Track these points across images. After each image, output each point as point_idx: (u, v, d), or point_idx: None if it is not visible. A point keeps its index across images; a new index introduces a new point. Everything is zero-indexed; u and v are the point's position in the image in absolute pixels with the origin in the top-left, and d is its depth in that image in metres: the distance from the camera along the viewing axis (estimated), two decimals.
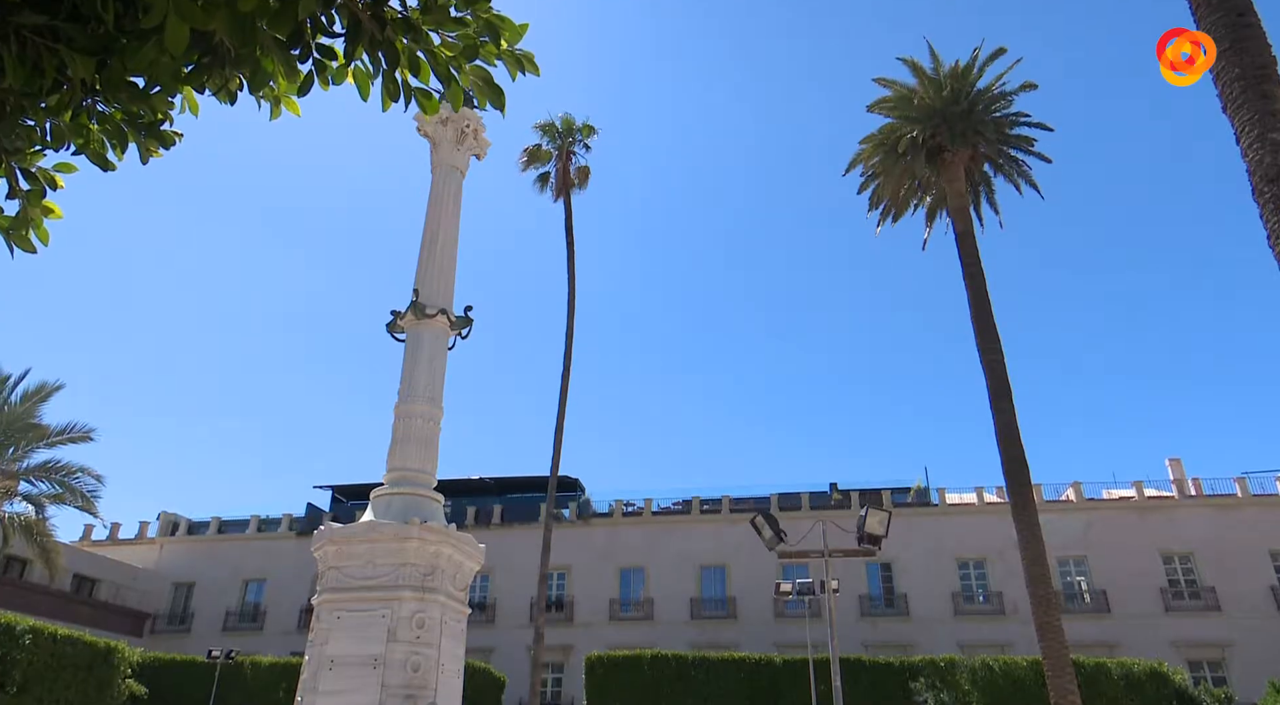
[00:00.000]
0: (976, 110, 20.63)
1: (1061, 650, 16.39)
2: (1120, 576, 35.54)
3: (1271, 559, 35.03)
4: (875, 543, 14.23)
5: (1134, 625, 34.10)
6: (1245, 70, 8.39)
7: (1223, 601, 34.44)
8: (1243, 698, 29.24)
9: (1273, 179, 8.94)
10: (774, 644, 33.64)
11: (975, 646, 31.87)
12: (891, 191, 22.49)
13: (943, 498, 40.10)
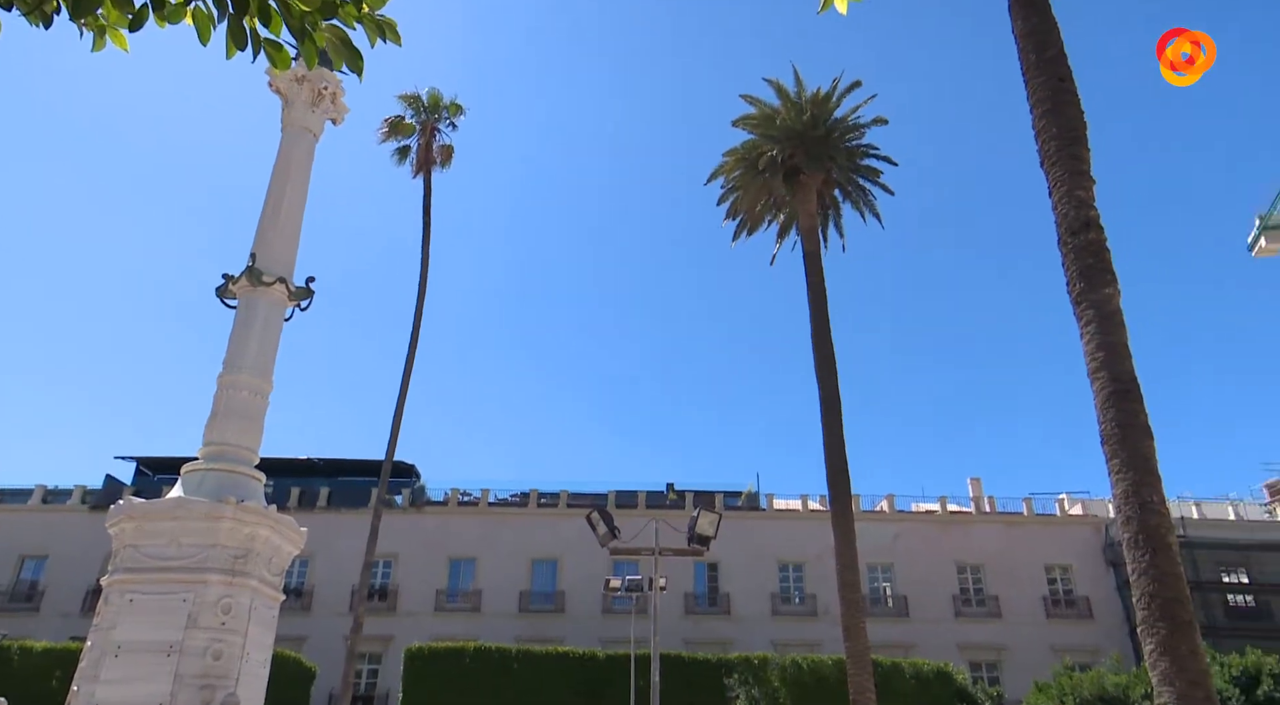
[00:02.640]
0: (833, 137, 21.80)
1: (863, 650, 17.57)
2: (920, 583, 38.52)
3: (1045, 572, 39.07)
4: (704, 543, 14.73)
5: (928, 629, 37.06)
6: (1061, 131, 9.35)
7: (1004, 609, 38.05)
8: (1011, 695, 32.48)
9: (1075, 231, 9.99)
10: (600, 639, 34.04)
11: (788, 645, 33.56)
12: (749, 205, 23.34)
13: (771, 503, 42.00)
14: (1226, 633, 34.26)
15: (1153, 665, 8.92)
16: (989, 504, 41.48)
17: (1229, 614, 37.58)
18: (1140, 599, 9.13)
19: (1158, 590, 8.95)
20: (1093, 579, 38.39)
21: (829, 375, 20.30)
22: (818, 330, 20.69)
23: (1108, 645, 34.01)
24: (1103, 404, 9.87)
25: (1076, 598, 38.36)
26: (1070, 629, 37.38)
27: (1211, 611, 36.32)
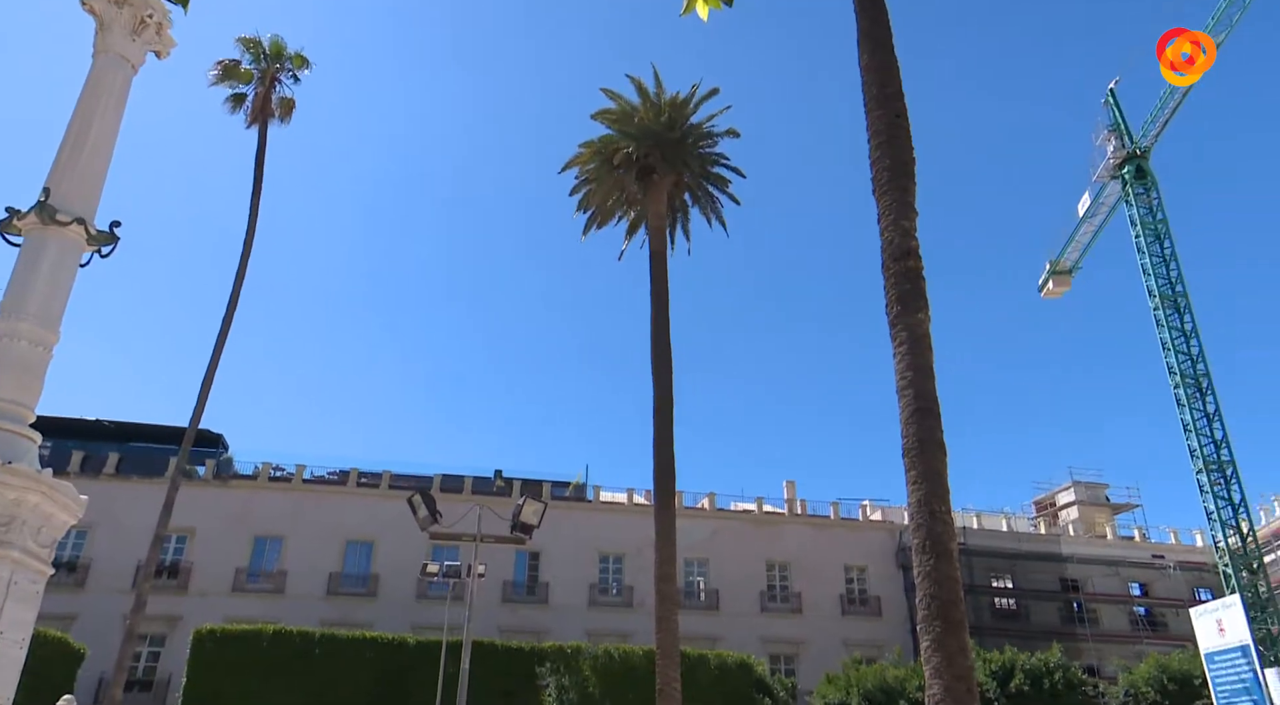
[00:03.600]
0: (687, 142, 22.30)
1: (673, 641, 18.14)
2: (732, 579, 40.25)
3: (845, 572, 41.92)
4: (527, 531, 14.66)
5: (736, 622, 38.79)
6: (893, 163, 10.04)
7: (805, 605, 40.47)
8: (804, 686, 34.64)
9: (897, 258, 10.74)
10: (413, 625, 33.17)
11: (603, 635, 34.09)
12: (601, 200, 23.45)
13: (597, 494, 42.48)
14: (991, 632, 38.14)
15: (927, 660, 9.74)
16: (801, 506, 43.95)
17: (994, 615, 41.85)
18: (922, 600, 9.96)
19: (937, 592, 9.79)
20: (885, 580, 41.55)
21: (664, 373, 20.77)
22: (657, 329, 21.11)
23: (893, 641, 36.93)
24: (907, 420, 10.67)
25: (869, 597, 41.39)
26: (862, 625, 40.30)
27: (980, 613, 40.32)
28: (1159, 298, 32.64)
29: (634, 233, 24.05)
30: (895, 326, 10.76)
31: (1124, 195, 34.94)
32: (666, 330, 21.08)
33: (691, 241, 24.14)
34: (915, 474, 10.33)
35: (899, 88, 10.56)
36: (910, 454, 10.46)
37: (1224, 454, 30.21)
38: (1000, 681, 28.47)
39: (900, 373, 10.70)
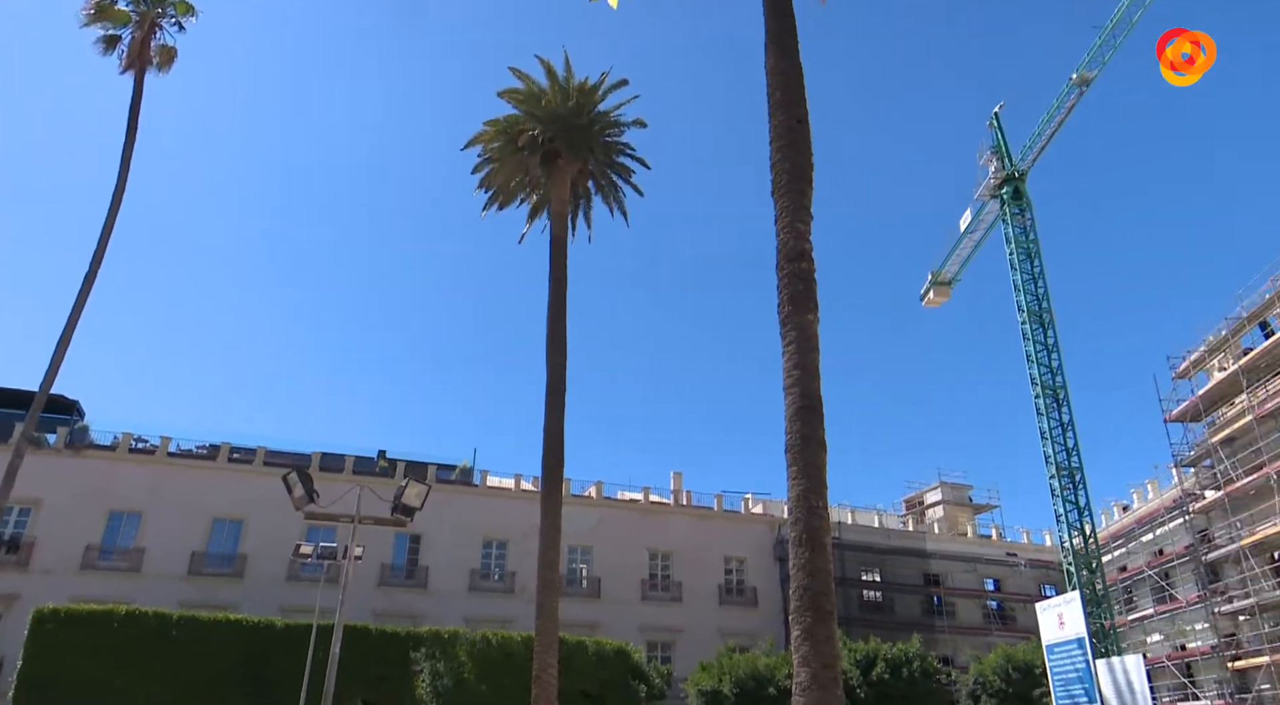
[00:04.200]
0: (594, 129, 22.16)
1: (553, 628, 18.12)
2: (615, 567, 40.57)
3: (725, 563, 42.94)
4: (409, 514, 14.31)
5: (617, 610, 39.15)
6: (793, 166, 10.31)
7: (685, 594, 41.24)
8: (680, 673, 35.34)
9: (792, 259, 11.04)
10: (281, 608, 31.90)
11: (482, 621, 33.72)
12: (503, 180, 23.04)
13: (484, 479, 41.94)
14: (858, 623, 39.94)
15: (796, 648, 10.08)
16: (686, 497, 44.70)
17: (862, 607, 43.81)
18: (795, 590, 10.31)
19: (810, 583, 10.15)
20: (762, 571, 42.81)
21: (558, 360, 20.65)
22: (554, 314, 20.96)
23: (766, 631, 38.13)
24: (791, 417, 10.99)
25: (747, 587, 42.56)
26: (738, 615, 41.41)
27: (849, 604, 42.13)
28: (1027, 313, 34.81)
29: (536, 216, 23.77)
30: (786, 326, 11.06)
31: (1002, 214, 37.05)
32: (563, 317, 20.95)
33: (593, 229, 24.09)
34: (796, 470, 10.67)
35: (802, 94, 10.84)
36: (793, 450, 10.79)
37: (1074, 461, 32.56)
38: (863, 670, 29.85)
39: (788, 371, 11.01)
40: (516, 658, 24.63)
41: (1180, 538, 34.93)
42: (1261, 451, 28.24)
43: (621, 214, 23.78)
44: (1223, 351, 31.81)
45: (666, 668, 35.42)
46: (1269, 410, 28.10)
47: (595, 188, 23.65)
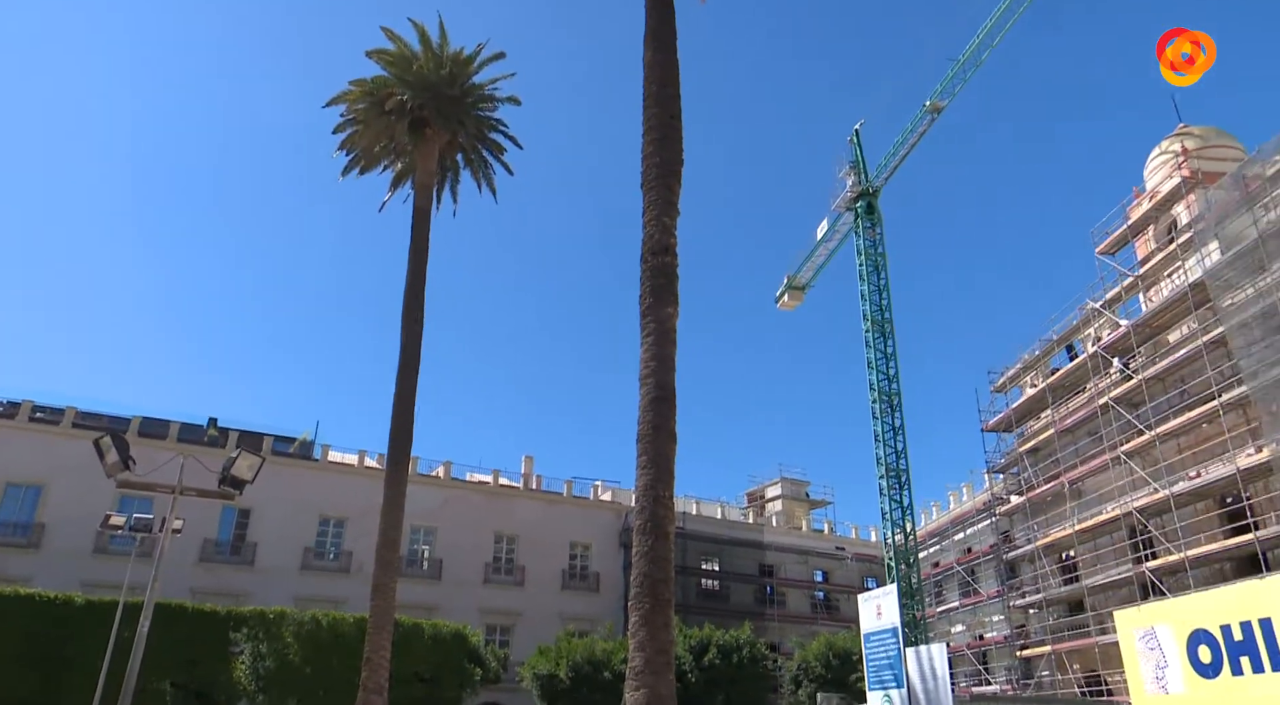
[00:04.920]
0: (467, 101, 21.55)
1: (388, 609, 17.60)
2: (458, 549, 39.93)
3: (570, 548, 43.18)
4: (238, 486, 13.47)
5: (458, 592, 38.57)
6: (664, 160, 10.43)
7: (528, 578, 41.17)
8: (518, 657, 35.32)
9: (656, 252, 11.19)
10: (84, 582, 29.34)
11: (313, 601, 32.34)
12: (367, 143, 22.03)
13: (325, 453, 40.16)
14: (695, 610, 41.23)
15: (633, 633, 10.28)
16: (536, 482, 44.57)
17: (700, 595, 45.25)
18: (636, 577, 10.51)
19: (651, 570, 10.37)
20: (607, 557, 43.36)
21: (413, 335, 20.02)
22: (412, 287, 20.28)
23: (607, 616, 38.69)
24: (644, 407, 11.16)
25: (590, 573, 42.99)
26: (580, 600, 41.77)
27: (688, 592, 43.41)
28: (870, 322, 36.91)
29: (399, 185, 22.87)
30: (646, 318, 11.21)
31: (855, 227, 39.06)
32: (421, 291, 20.31)
33: (459, 204, 23.46)
34: (646, 459, 10.86)
35: (677, 90, 10.98)
36: (644, 440, 10.97)
37: (902, 463, 34.89)
38: (696, 655, 30.84)
39: (644, 362, 11.18)
40: (348, 639, 23.78)
41: (987, 538, 38.19)
42: (1059, 462, 31.27)
43: (490, 191, 23.30)
44: (1034, 370, 34.95)
45: (504, 651, 35.25)
46: (1068, 425, 31.13)
47: (464, 162, 23.02)
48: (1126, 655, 16.21)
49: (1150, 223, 30.42)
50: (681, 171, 10.69)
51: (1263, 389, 21.95)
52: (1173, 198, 28.93)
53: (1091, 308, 31.00)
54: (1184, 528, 24.86)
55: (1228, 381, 23.72)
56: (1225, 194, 24.44)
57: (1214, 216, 24.71)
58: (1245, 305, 22.80)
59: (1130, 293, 29.86)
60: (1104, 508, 28.76)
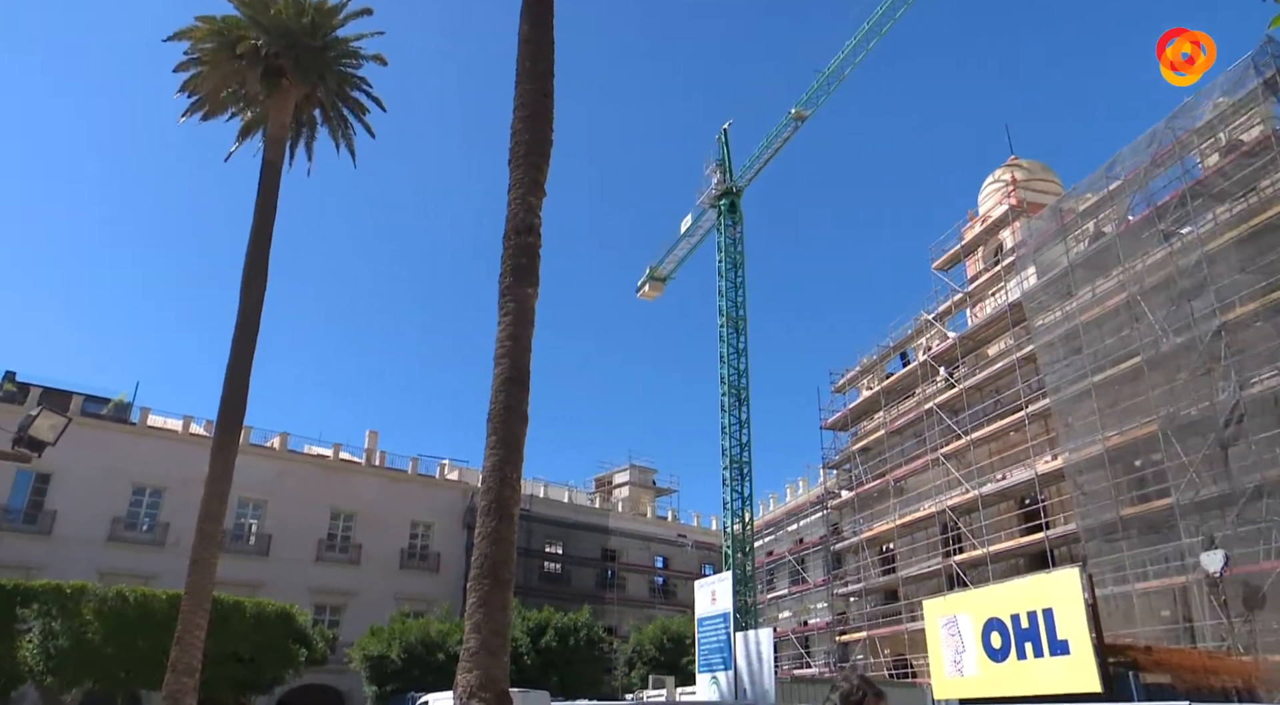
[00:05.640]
0: (328, 54, 20.35)
1: (206, 585, 16.50)
2: (290, 525, 38.04)
3: (411, 527, 42.10)
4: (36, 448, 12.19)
5: (287, 569, 36.75)
6: (533, 138, 10.27)
7: (364, 557, 39.80)
8: (348, 637, 34.12)
9: (520, 231, 11.02)
10: None
11: (121, 576, 29.88)
12: (213, 87, 20.38)
13: (145, 417, 37.17)
14: (536, 593, 41.25)
15: (470, 615, 10.16)
16: (380, 458, 43.08)
17: (542, 578, 45.31)
18: (477, 558, 10.38)
19: (492, 552, 10.27)
20: (449, 538, 42.56)
21: (254, 295, 18.78)
22: (256, 245, 19.00)
23: (445, 597, 38.02)
24: (497, 388, 11.01)
25: (430, 553, 42.08)
26: (419, 580, 40.82)
27: (530, 574, 43.37)
28: (725, 317, 38.07)
29: (248, 136, 21.29)
30: (505, 297, 11.04)
31: (717, 224, 40.11)
32: (266, 250, 19.06)
33: (314, 162, 22.15)
34: (495, 439, 10.72)
35: (550, 67, 10.82)
36: (494, 420, 10.83)
37: (745, 456, 36.28)
38: (533, 638, 30.90)
39: (500, 342, 11.02)
40: (158, 617, 22.11)
41: (818, 529, 40.40)
42: (887, 461, 33.50)
43: (349, 152, 22.13)
44: (872, 373, 37.21)
45: (334, 631, 33.94)
46: (897, 427, 33.38)
47: (322, 118, 21.76)
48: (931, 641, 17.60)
49: (980, 244, 33.00)
50: (550, 152, 10.56)
51: (1061, 403, 24.35)
52: (1001, 223, 31.49)
53: (925, 319, 33.31)
54: (988, 525, 27.26)
55: (1034, 395, 26.14)
56: (1044, 224, 26.86)
57: (1033, 244, 27.11)
58: (1053, 327, 25.18)
59: (959, 307, 32.32)
60: (922, 505, 31.09)
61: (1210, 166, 21.56)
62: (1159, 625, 20.81)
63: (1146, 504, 21.63)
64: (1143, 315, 22.07)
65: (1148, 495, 21.91)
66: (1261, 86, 20.01)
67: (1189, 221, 21.51)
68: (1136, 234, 22.90)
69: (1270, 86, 19.91)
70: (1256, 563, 18.51)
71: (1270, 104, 20.08)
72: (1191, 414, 20.48)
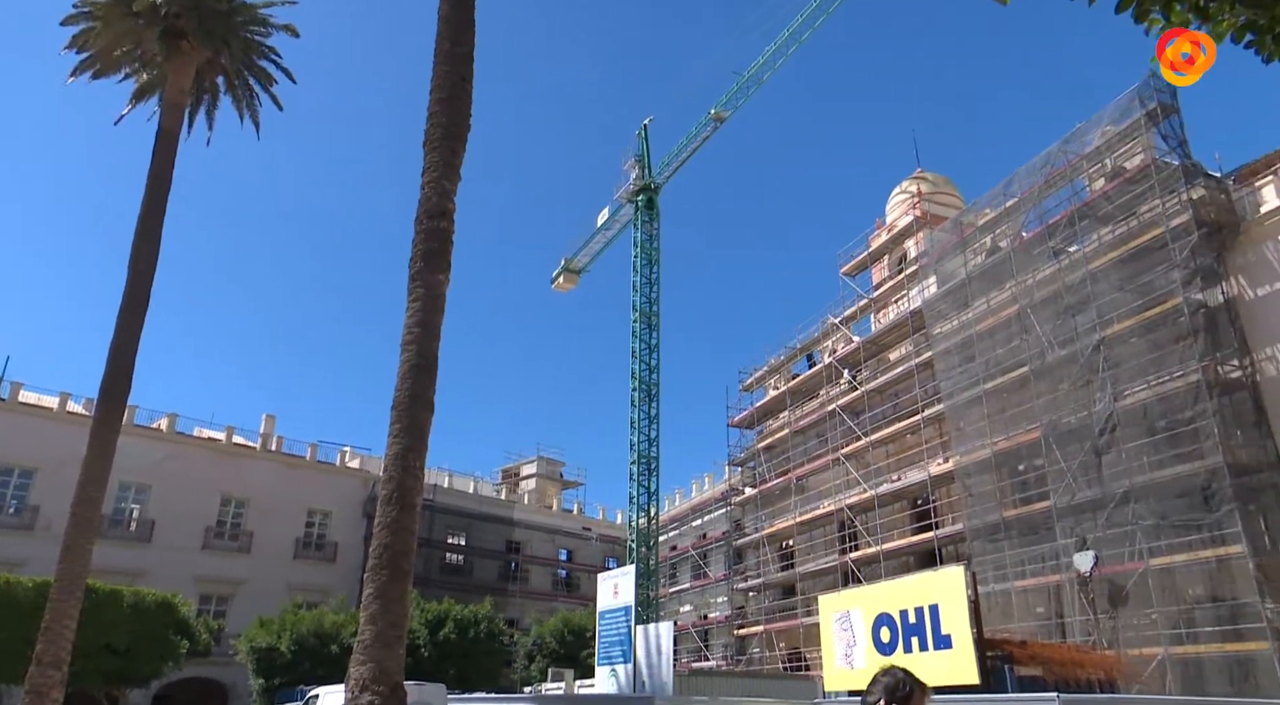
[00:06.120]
0: (236, 20, 19.41)
1: (80, 573, 15.56)
2: (175, 511, 36.24)
3: (308, 515, 40.74)
4: None
5: (170, 557, 35.00)
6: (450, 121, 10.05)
7: (255, 545, 38.27)
8: (236, 628, 32.79)
9: (432, 215, 10.79)
10: None
11: None
12: (107, 45, 19.14)
13: (16, 393, 34.75)
14: (437, 584, 40.54)
15: (366, 606, 9.92)
16: (277, 443, 41.50)
17: (443, 569, 44.57)
18: (376, 548, 10.14)
19: (392, 542, 10.05)
20: (348, 527, 41.38)
21: (145, 267, 17.77)
22: (148, 216, 17.97)
23: (341, 588, 36.95)
24: (404, 374, 10.77)
25: (327, 543, 40.82)
26: (314, 570, 39.54)
27: (431, 566, 42.59)
28: (639, 313, 38.23)
29: (142, 99, 20.08)
30: (414, 282, 10.80)
31: (634, 219, 40.21)
32: (159, 220, 18.03)
33: (214, 131, 21.09)
34: (399, 427, 10.49)
35: (471, 51, 10.61)
36: (399, 407, 10.59)
37: (653, 451, 36.54)
38: (432, 630, 30.37)
39: (408, 328, 10.78)
40: (23, 607, 20.73)
41: (721, 525, 41.11)
42: (790, 459, 34.35)
43: (254, 123, 21.17)
44: (779, 374, 38.07)
45: (220, 622, 32.57)
46: (801, 426, 34.27)
47: (226, 87, 20.75)
48: (824, 635, 18.16)
49: (886, 252, 34.17)
50: (467, 136, 10.36)
51: (954, 408, 25.49)
52: (906, 233, 32.69)
53: (832, 322, 34.29)
54: (882, 524, 28.30)
55: (930, 399, 27.26)
56: (945, 236, 28.02)
57: (935, 254, 28.26)
58: (950, 335, 26.32)
59: (865, 312, 33.38)
60: (821, 503, 32.02)
61: (1097, 190, 22.90)
62: (1034, 621, 22.04)
63: (1028, 506, 22.86)
64: (1031, 327, 23.29)
65: (1029, 498, 23.16)
66: (1144, 118, 21.38)
67: (1076, 240, 22.81)
68: (1029, 250, 24.14)
69: (1152, 118, 21.30)
70: (1122, 563, 19.83)
71: (1151, 135, 21.47)
72: (1071, 422, 21.75)
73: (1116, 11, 2.81)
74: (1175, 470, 19.29)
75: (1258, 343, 20.02)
